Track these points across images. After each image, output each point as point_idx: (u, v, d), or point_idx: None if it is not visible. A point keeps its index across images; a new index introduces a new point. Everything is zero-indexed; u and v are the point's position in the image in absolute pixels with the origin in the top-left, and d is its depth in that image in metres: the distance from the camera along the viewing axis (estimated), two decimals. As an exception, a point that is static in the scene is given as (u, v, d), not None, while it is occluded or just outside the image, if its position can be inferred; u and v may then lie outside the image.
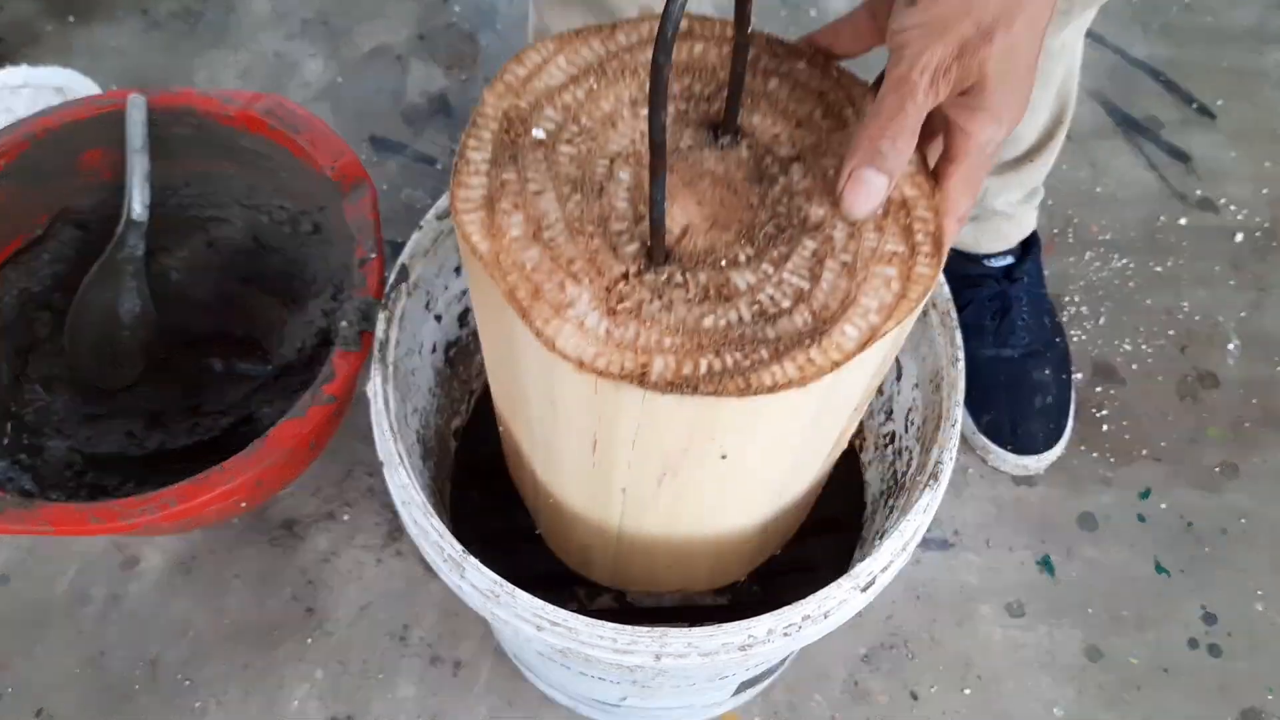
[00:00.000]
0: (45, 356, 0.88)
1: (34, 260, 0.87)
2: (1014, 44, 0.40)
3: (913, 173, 0.46)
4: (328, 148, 0.78)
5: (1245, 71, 1.26)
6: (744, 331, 0.43)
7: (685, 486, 0.52)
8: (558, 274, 0.43)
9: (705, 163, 0.47)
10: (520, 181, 0.46)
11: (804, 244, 0.45)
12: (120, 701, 0.86)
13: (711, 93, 0.49)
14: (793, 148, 0.47)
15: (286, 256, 0.91)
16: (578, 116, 0.48)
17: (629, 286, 0.43)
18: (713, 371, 0.42)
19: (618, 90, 0.48)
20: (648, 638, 0.51)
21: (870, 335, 0.43)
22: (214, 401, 0.90)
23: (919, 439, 0.65)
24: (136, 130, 0.81)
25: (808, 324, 0.43)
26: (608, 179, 0.46)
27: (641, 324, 0.43)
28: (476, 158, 0.47)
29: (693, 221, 0.45)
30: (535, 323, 0.42)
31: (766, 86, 0.50)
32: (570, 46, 0.49)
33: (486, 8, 1.29)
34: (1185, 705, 0.88)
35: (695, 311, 0.43)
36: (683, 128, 0.48)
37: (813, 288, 0.44)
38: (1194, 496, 0.98)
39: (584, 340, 0.42)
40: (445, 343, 0.74)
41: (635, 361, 0.42)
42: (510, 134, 0.47)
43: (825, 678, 0.88)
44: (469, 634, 0.89)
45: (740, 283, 0.44)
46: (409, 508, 0.56)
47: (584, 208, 0.45)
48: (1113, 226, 1.14)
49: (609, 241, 0.44)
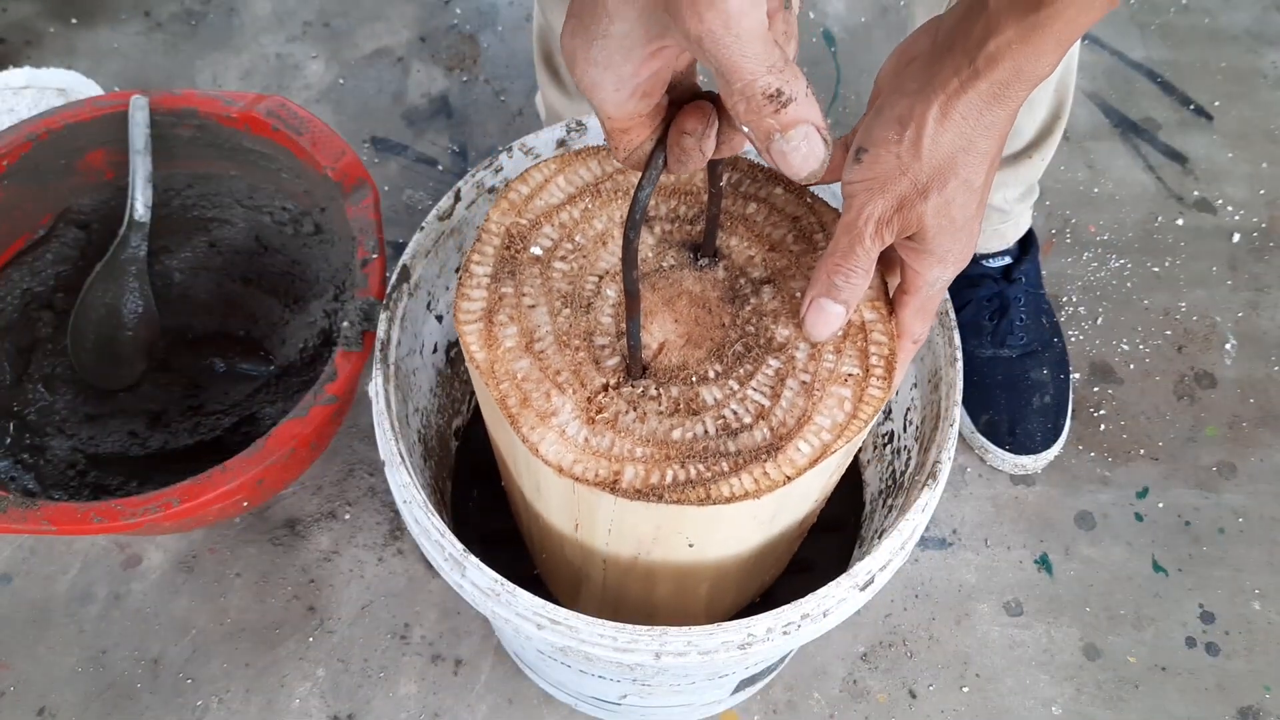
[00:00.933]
0: (47, 356, 0.88)
1: (36, 260, 0.87)
2: (949, 200, 0.44)
3: (873, 298, 0.51)
4: (329, 148, 0.79)
5: (1242, 72, 1.26)
6: (708, 444, 0.47)
7: (658, 564, 0.56)
8: (545, 383, 0.48)
9: (684, 282, 0.51)
10: (517, 295, 0.50)
11: (768, 363, 0.49)
12: (122, 700, 0.86)
13: (695, 215, 0.53)
14: (765, 270, 0.52)
15: (288, 257, 0.91)
16: (573, 234, 0.52)
17: (608, 398, 0.48)
18: (677, 481, 0.46)
19: (610, 211, 0.53)
20: (647, 636, 0.52)
21: (822, 452, 0.47)
22: (216, 401, 0.90)
23: (917, 439, 0.65)
24: (139, 131, 0.81)
25: (766, 439, 0.47)
26: (595, 295, 0.50)
27: (617, 434, 0.47)
28: (479, 271, 0.51)
29: (669, 338, 0.50)
30: (522, 429, 0.47)
31: (745, 210, 0.54)
32: (570, 167, 0.54)
33: (487, 9, 1.30)
34: (1183, 703, 0.88)
35: (666, 424, 0.47)
36: (667, 248, 0.52)
37: (773, 405, 0.48)
38: (1191, 496, 0.98)
39: (564, 448, 0.47)
40: (446, 343, 0.74)
41: (609, 469, 0.46)
42: (510, 250, 0.51)
43: (824, 676, 0.88)
44: (470, 632, 0.89)
45: (708, 397, 0.48)
46: (410, 507, 0.57)
47: (572, 321, 0.50)
48: (1110, 227, 1.14)
49: (592, 355, 0.49)
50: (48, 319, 0.88)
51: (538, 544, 0.66)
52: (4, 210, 0.83)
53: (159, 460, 0.87)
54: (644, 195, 0.40)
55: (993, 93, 0.42)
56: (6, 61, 1.22)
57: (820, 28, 1.29)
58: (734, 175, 0.55)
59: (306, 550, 0.93)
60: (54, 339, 0.88)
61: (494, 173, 0.67)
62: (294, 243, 0.90)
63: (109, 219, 0.88)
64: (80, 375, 0.88)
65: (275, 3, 1.30)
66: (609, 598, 0.65)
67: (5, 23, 1.26)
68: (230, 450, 0.69)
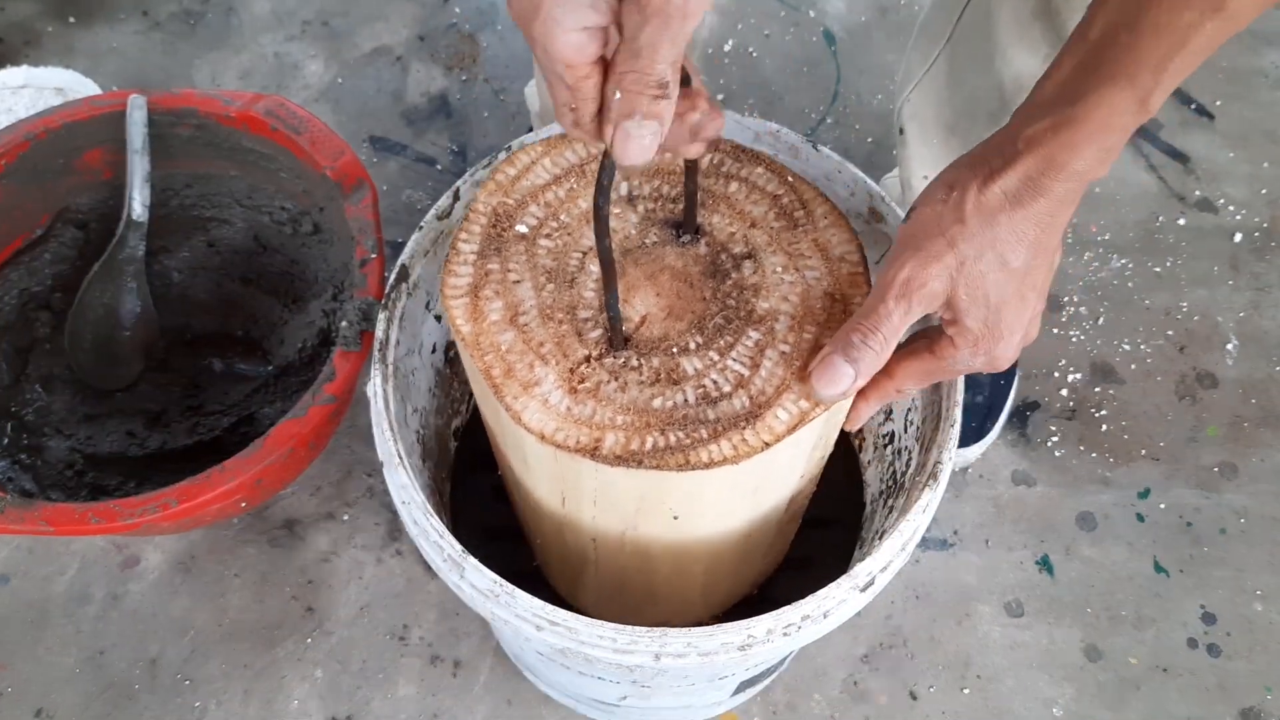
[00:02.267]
0: (45, 356, 0.88)
1: (34, 260, 0.87)
2: (982, 272, 0.44)
3: (855, 273, 0.52)
4: (328, 148, 0.78)
5: (1243, 72, 1.26)
6: (688, 413, 0.48)
7: (647, 541, 0.57)
8: (529, 355, 0.49)
9: (666, 258, 0.53)
10: (503, 271, 0.52)
11: (748, 334, 0.50)
12: (120, 701, 0.86)
13: (677, 194, 0.55)
14: (746, 246, 0.53)
15: (287, 256, 0.91)
16: (558, 213, 0.54)
17: (590, 368, 0.49)
18: (657, 448, 0.47)
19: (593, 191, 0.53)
20: (647, 637, 0.51)
21: (800, 419, 0.48)
22: (215, 401, 0.90)
23: (918, 439, 0.65)
24: (137, 131, 0.81)
25: (745, 407, 0.48)
26: (579, 271, 0.52)
27: (598, 403, 0.48)
28: (466, 249, 0.53)
29: (651, 311, 0.51)
30: (505, 398, 0.48)
31: (727, 189, 0.55)
32: (556, 150, 0.55)
33: (487, 8, 1.29)
34: (1184, 704, 0.88)
35: (646, 393, 0.49)
36: (649, 225, 0.54)
37: (752, 374, 0.49)
38: (1193, 496, 0.98)
39: (546, 416, 0.48)
40: (445, 343, 0.74)
41: (590, 437, 0.47)
42: (497, 228, 0.53)
43: (825, 677, 0.88)
44: (469, 633, 0.89)
45: (689, 368, 0.49)
46: (409, 507, 0.56)
47: (556, 296, 0.51)
48: (1111, 227, 1.14)
49: (575, 327, 0.50)
50: (45, 319, 0.88)
51: (532, 527, 0.66)
52: (2, 210, 0.82)
53: (157, 460, 0.86)
54: (610, 162, 0.41)
55: (1029, 177, 0.43)
56: (5, 60, 1.22)
57: (820, 28, 1.29)
58: (716, 156, 0.56)
59: (305, 551, 0.93)
60: (52, 339, 0.88)
61: (492, 173, 0.67)
62: (293, 242, 0.90)
63: (107, 218, 0.87)
64: (78, 375, 0.88)
65: (274, 2, 1.30)
66: (606, 584, 0.65)
67: (4, 22, 1.26)
68: (229, 450, 0.69)
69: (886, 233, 0.66)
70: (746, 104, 1.22)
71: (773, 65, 1.25)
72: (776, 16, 1.30)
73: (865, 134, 1.20)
